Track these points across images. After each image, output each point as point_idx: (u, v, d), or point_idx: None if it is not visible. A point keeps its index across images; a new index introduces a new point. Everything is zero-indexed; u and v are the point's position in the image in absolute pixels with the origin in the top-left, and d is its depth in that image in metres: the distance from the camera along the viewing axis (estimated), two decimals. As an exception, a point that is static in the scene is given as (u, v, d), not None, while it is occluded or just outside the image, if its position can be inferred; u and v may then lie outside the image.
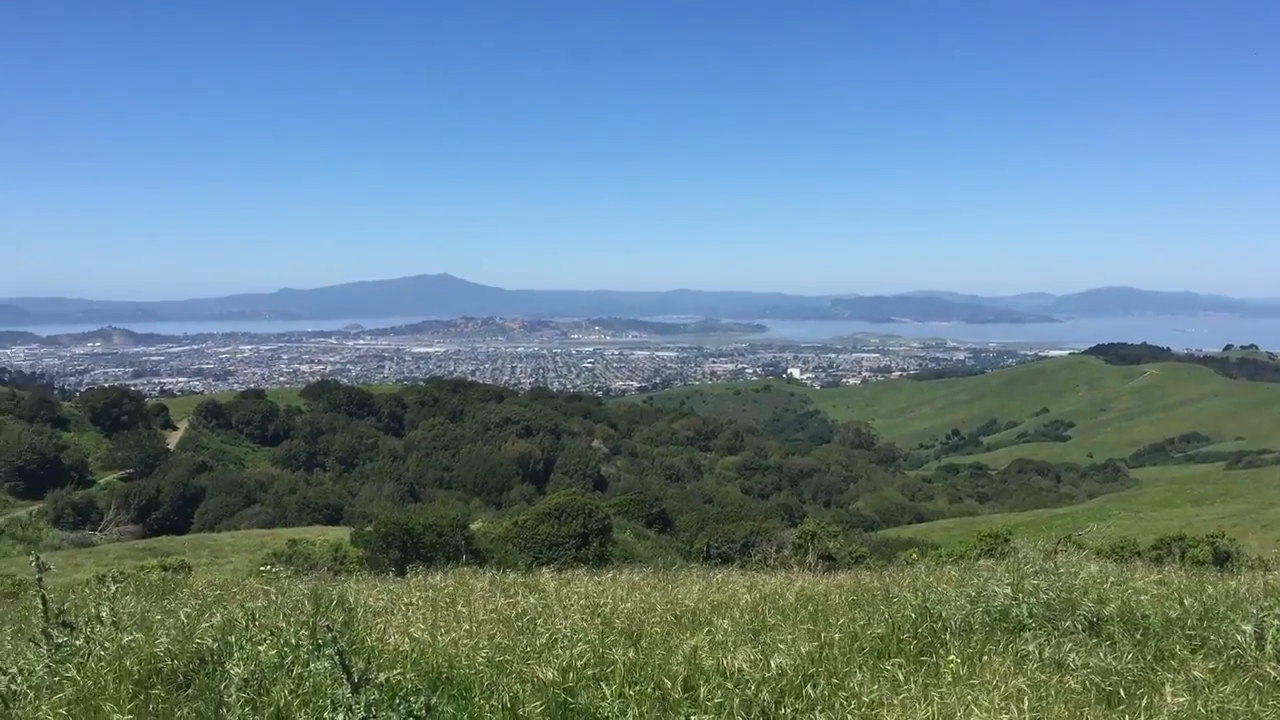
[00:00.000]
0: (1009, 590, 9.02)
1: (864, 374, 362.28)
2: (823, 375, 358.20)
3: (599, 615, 9.26)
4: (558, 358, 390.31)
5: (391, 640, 7.74)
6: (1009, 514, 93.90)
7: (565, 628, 8.28)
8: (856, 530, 70.02)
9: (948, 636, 7.96)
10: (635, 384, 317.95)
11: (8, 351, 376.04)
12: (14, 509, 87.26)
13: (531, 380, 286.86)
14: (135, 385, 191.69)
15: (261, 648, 6.91)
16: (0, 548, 75.41)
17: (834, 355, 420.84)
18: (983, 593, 9.10)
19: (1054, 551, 11.70)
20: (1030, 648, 7.57)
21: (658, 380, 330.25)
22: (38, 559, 7.64)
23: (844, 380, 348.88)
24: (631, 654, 7.44)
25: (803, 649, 7.51)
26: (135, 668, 6.62)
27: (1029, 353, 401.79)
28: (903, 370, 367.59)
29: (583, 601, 10.14)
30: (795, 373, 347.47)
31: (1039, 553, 11.21)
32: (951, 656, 7.18)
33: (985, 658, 7.28)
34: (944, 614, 8.55)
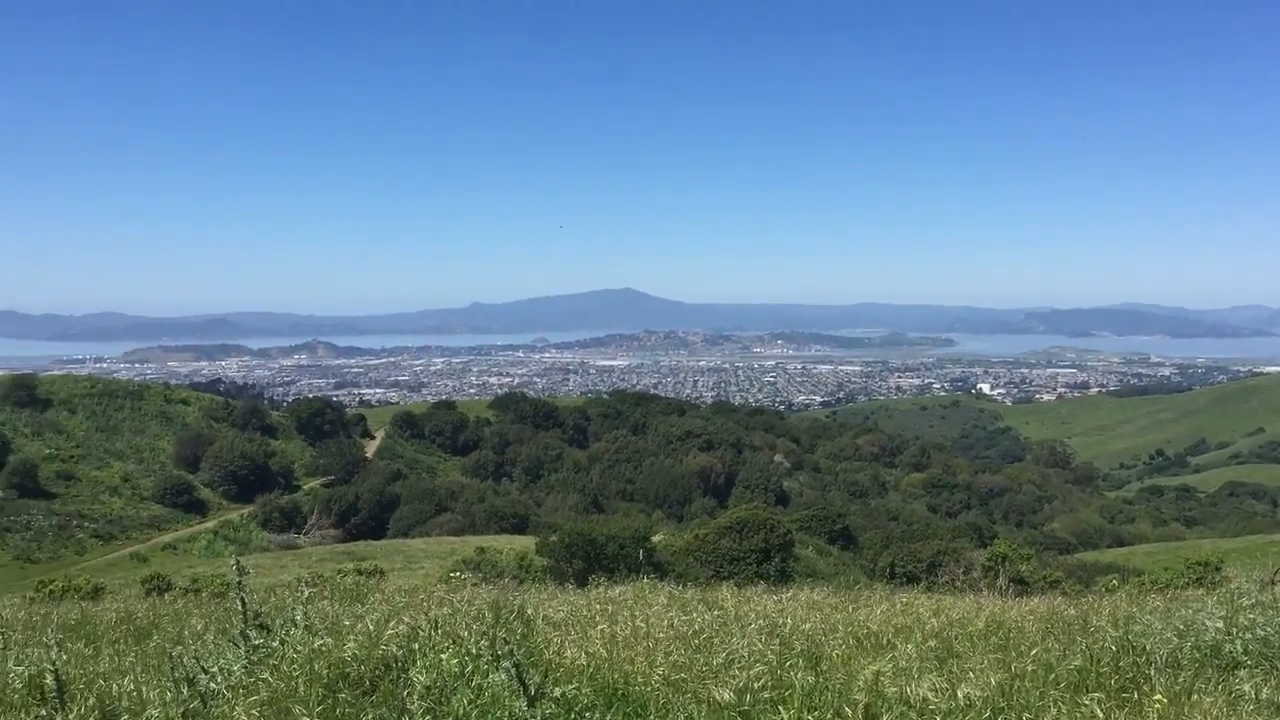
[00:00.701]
0: (1221, 624, 8.38)
1: (1059, 390, 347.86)
2: (1015, 391, 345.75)
3: (777, 635, 9.07)
4: (739, 371, 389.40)
5: (569, 654, 7.76)
6: (1220, 540, 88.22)
7: (743, 647, 8.13)
8: (1050, 553, 67.15)
9: (1152, 672, 7.43)
10: (818, 398, 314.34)
11: (222, 364, 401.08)
12: (227, 512, 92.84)
13: (713, 394, 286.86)
14: (337, 396, 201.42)
15: (444, 656, 7.02)
16: (214, 548, 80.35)
17: (1027, 370, 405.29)
18: (1192, 625, 8.49)
19: (1272, 581, 10.86)
20: (1246, 688, 7.00)
21: (841, 395, 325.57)
22: (237, 563, 8.00)
23: (1038, 396, 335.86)
24: (810, 677, 7.23)
25: (992, 679, 7.15)
26: (324, 672, 6.81)
27: (1242, 369, 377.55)
28: (1102, 386, 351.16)
29: (761, 620, 9.97)
30: (985, 388, 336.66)
31: (1254, 583, 10.42)
32: (1157, 695, 6.69)
33: (1194, 697, 6.76)
34: (1148, 647, 8.01)
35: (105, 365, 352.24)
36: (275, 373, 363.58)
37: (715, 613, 10.57)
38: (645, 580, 12.60)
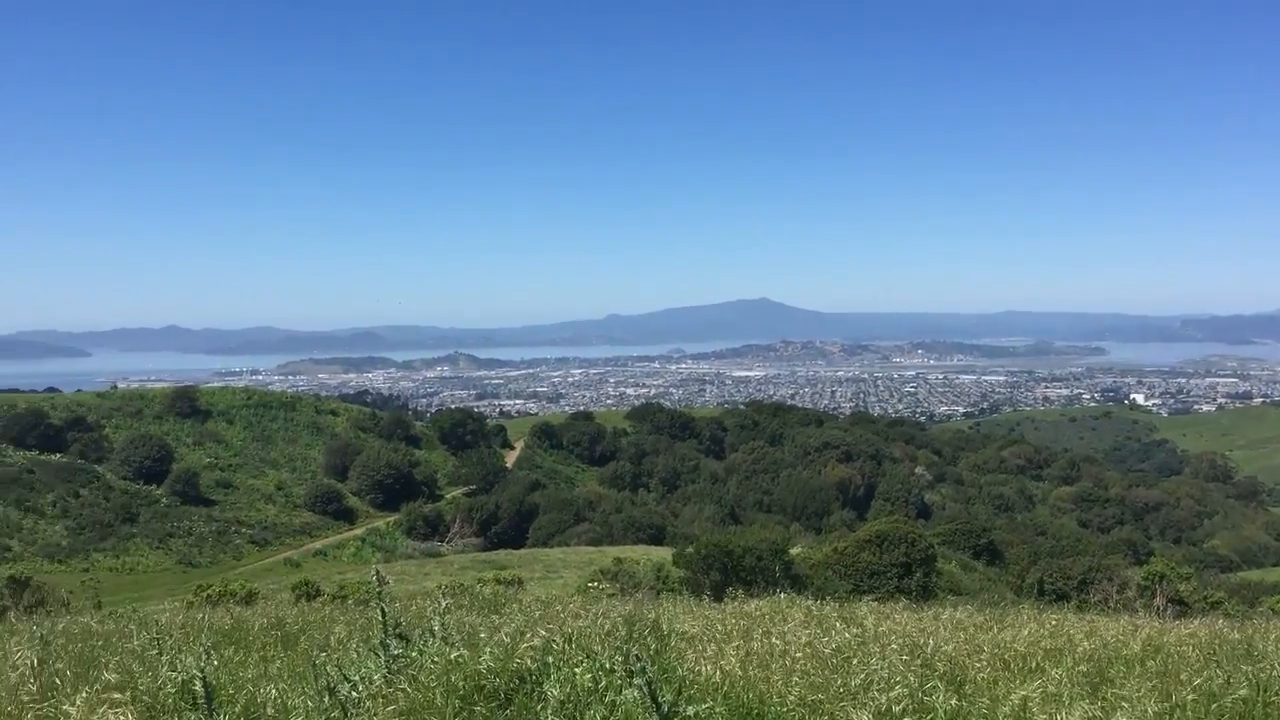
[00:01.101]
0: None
1: (1219, 400, 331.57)
2: (1170, 401, 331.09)
3: (919, 656, 8.79)
4: (878, 382, 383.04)
5: (703, 671, 7.65)
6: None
7: (882, 668, 7.89)
8: (1211, 572, 64.17)
9: (1327, 705, 6.93)
10: (960, 409, 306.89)
11: (369, 376, 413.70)
12: (374, 519, 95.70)
13: (851, 404, 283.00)
14: (478, 407, 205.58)
15: (577, 671, 7.00)
16: (362, 555, 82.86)
17: (1184, 380, 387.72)
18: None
19: None
20: None
21: (984, 405, 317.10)
22: (377, 573, 8.13)
23: (1196, 407, 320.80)
24: (954, 701, 6.96)
25: (1149, 709, 6.77)
26: (460, 683, 6.86)
27: None
28: (1266, 397, 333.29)
29: (901, 639, 9.69)
30: (1139, 398, 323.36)
31: None
32: (1333, 730, 6.24)
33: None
34: (1322, 677, 7.48)
35: (260, 378, 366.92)
36: (419, 384, 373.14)
37: (854, 630, 10.33)
38: (782, 594, 12.41)
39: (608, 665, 7.13)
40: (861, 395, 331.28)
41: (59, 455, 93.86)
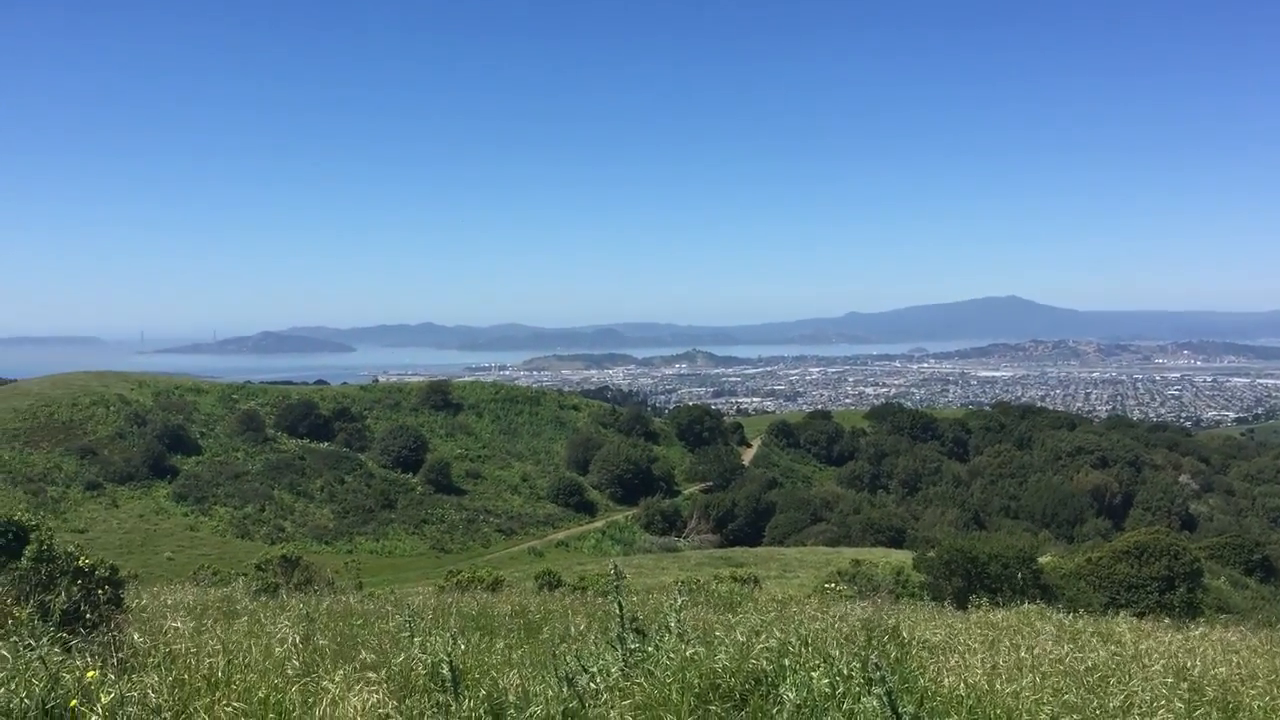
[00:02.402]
0: None
1: None
2: None
3: (1185, 679, 8.14)
4: (1138, 384, 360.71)
5: (946, 682, 7.34)
6: None
7: (1144, 690, 7.35)
8: None
9: None
10: (1231, 414, 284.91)
11: (610, 372, 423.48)
12: (613, 513, 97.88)
13: (1108, 408, 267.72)
14: (715, 404, 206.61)
15: (814, 675, 6.85)
16: (601, 547, 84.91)
17: None
18: None
19: None
20: None
21: (1259, 411, 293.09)
22: (615, 567, 8.23)
23: None
24: (1227, 732, 6.40)
25: None
26: (696, 681, 6.84)
27: None
28: None
29: (1165, 659, 9.02)
30: None
31: None
32: None
33: None
34: None
35: (508, 373, 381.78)
36: (657, 381, 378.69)
37: (1111, 648, 9.70)
38: (1030, 605, 11.81)
39: (845, 671, 6.95)
40: (1119, 398, 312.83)
41: (326, 444, 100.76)
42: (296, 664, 6.95)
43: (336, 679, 6.44)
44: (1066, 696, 7.09)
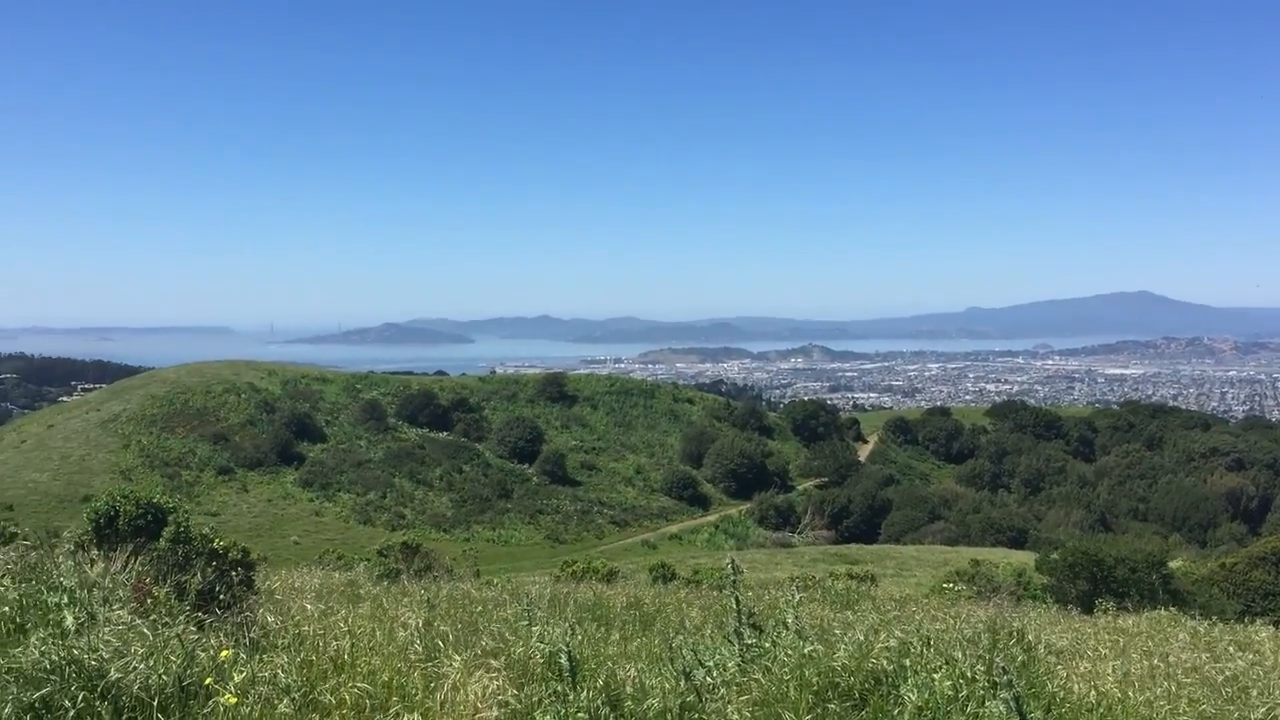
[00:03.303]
0: None
1: None
2: None
3: (1334, 692, 7.73)
4: (1278, 383, 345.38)
5: (1075, 689, 7.10)
6: None
7: (1289, 703, 7.01)
8: None
9: None
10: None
11: (724, 365, 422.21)
12: (727, 507, 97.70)
13: (1245, 408, 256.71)
14: (830, 399, 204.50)
15: (936, 677, 6.70)
16: (715, 541, 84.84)
17: None
18: None
19: None
20: None
21: None
22: (732, 562, 8.17)
23: None
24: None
25: None
26: (814, 679, 6.75)
27: None
28: None
29: (1311, 672, 8.58)
30: None
31: None
32: None
33: None
34: None
35: (622, 366, 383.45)
36: (772, 375, 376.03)
37: (1249, 657, 9.28)
38: (1162, 611, 11.38)
39: (969, 673, 6.78)
40: (1257, 398, 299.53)
41: (445, 433, 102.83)
42: (419, 648, 7.08)
43: (457, 664, 6.54)
44: (1203, 707, 6.80)
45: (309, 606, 8.62)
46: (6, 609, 7.11)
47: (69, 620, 6.68)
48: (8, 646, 6.35)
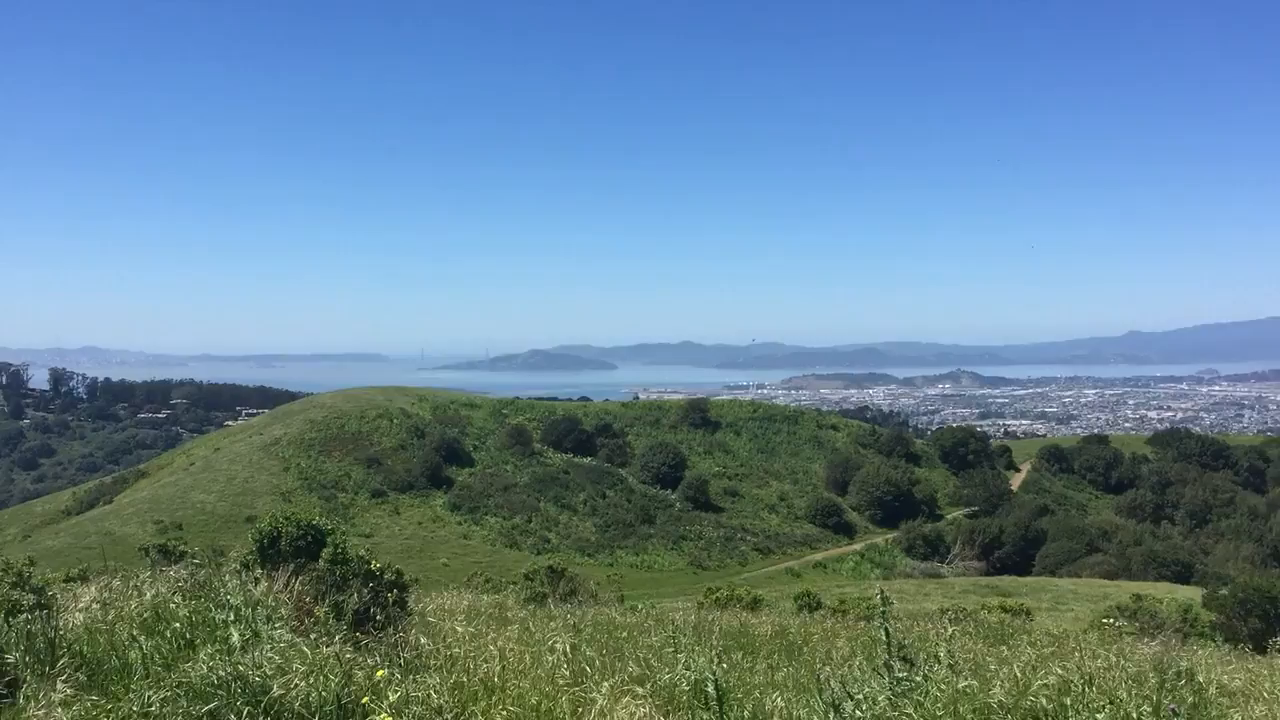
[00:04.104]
0: None
1: None
2: None
3: None
4: None
5: (1252, 734, 6.71)
6: None
7: None
8: None
9: None
10: None
11: (870, 391, 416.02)
12: (872, 535, 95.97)
13: None
14: (980, 426, 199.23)
15: (1099, 717, 6.43)
16: (860, 570, 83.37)
17: None
18: None
19: None
20: None
21: None
22: (882, 593, 8.00)
23: None
24: None
25: None
26: (969, 716, 6.55)
27: None
28: None
29: None
30: None
31: None
32: None
33: None
34: None
35: (765, 391, 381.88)
36: (919, 401, 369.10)
37: None
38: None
39: (1134, 714, 6.49)
40: None
41: (589, 458, 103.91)
42: (566, 673, 7.13)
43: (604, 690, 6.56)
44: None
45: (459, 628, 8.79)
46: (177, 625, 7.46)
47: (235, 637, 6.97)
48: (178, 661, 6.66)
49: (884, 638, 7.84)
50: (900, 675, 7.42)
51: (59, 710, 5.79)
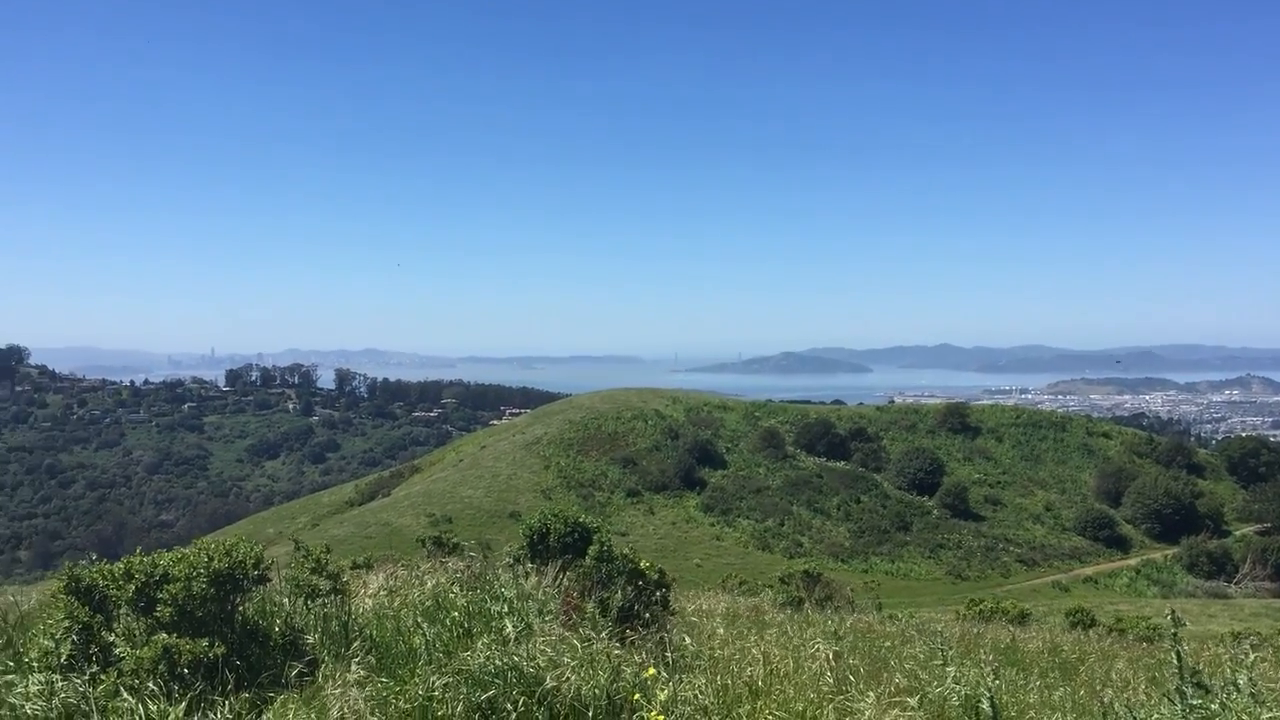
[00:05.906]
0: None
1: None
2: None
3: None
4: None
5: None
6: None
7: None
8: None
9: None
10: None
11: (1146, 397, 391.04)
12: (1149, 550, 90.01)
13: None
14: (1274, 436, 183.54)
15: None
16: (1136, 587, 78.41)
17: None
18: None
19: None
20: None
21: None
22: (1173, 613, 7.46)
23: None
24: None
25: None
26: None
27: None
28: None
29: None
30: None
31: None
32: None
33: None
34: None
35: (1029, 396, 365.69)
36: (1202, 409, 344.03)
37: None
38: None
39: None
40: None
41: (843, 463, 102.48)
42: (829, 680, 7.02)
43: (869, 700, 6.41)
44: None
45: (720, 630, 8.82)
46: (456, 614, 7.83)
47: (509, 628, 7.25)
48: (458, 649, 6.99)
49: (1175, 661, 7.31)
50: (1194, 702, 6.89)
51: (354, 690, 6.18)
